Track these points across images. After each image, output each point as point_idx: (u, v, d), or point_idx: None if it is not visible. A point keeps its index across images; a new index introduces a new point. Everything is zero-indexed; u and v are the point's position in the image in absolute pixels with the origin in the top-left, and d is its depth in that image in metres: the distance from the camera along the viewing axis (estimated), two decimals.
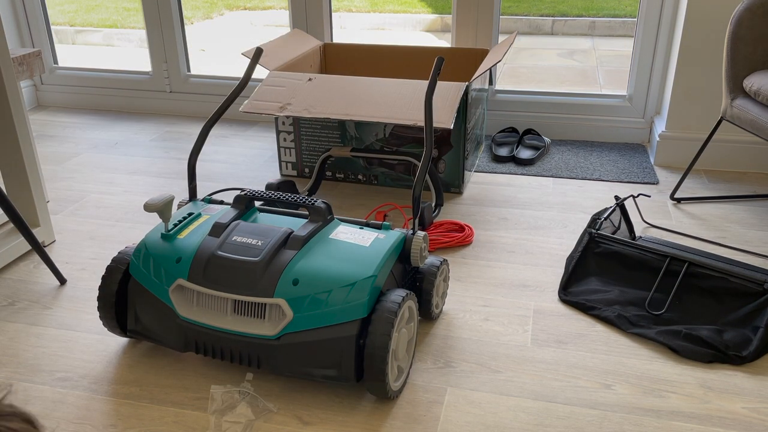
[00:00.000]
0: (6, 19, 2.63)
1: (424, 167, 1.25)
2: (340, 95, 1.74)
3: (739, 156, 2.06)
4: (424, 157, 1.26)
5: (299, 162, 2.04)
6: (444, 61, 1.25)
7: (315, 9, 2.38)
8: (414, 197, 1.24)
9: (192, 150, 1.36)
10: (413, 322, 1.17)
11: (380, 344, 1.05)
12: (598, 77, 3.74)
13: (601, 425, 1.08)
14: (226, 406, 1.11)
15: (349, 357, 1.07)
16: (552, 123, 2.33)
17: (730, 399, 1.14)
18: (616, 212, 1.57)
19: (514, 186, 1.98)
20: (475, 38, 2.27)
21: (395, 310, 1.07)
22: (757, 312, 1.27)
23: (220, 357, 1.13)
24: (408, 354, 1.18)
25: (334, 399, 1.14)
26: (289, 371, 1.10)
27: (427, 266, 1.30)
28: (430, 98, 1.30)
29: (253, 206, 1.28)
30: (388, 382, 1.07)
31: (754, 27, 1.65)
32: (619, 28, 5.06)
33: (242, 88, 1.42)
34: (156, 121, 2.60)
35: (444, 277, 1.35)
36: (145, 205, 1.16)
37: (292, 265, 1.10)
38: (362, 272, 1.09)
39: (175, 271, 1.14)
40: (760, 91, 1.57)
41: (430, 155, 1.27)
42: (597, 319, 1.35)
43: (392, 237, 1.19)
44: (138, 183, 2.02)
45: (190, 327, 1.12)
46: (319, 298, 1.07)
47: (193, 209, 1.29)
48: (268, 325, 1.09)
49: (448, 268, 1.39)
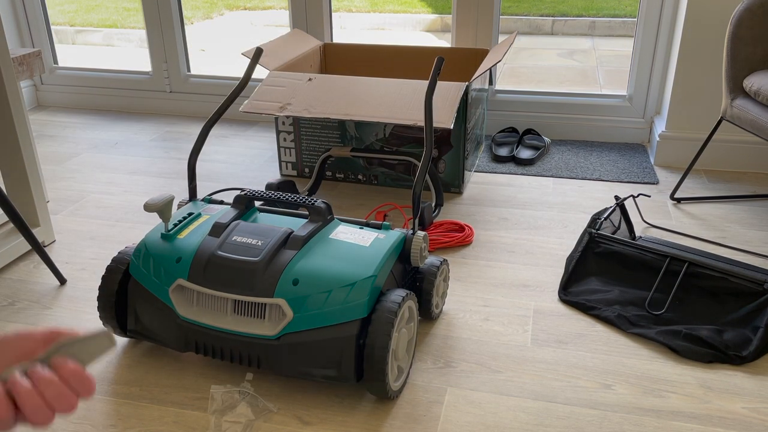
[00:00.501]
0: (6, 19, 2.63)
1: (424, 167, 1.25)
2: (340, 95, 1.74)
3: (739, 156, 2.06)
4: (424, 157, 1.26)
5: (299, 162, 2.04)
6: (444, 61, 1.25)
7: (315, 9, 2.38)
8: (414, 196, 1.24)
9: (192, 150, 1.37)
10: (413, 322, 1.17)
11: (380, 344, 1.05)
12: (598, 77, 3.74)
13: (601, 425, 1.08)
14: (226, 406, 1.11)
15: (349, 357, 1.06)
16: (552, 123, 2.33)
17: (730, 399, 1.14)
18: (616, 212, 1.57)
19: (514, 186, 1.98)
20: (475, 38, 2.27)
21: (395, 310, 1.07)
22: (757, 312, 1.27)
23: (220, 357, 1.13)
24: (408, 354, 1.17)
25: (333, 399, 1.14)
26: (288, 371, 1.10)
27: (427, 266, 1.30)
28: (430, 98, 1.31)
29: (253, 206, 1.28)
30: (388, 382, 1.07)
31: (754, 27, 1.65)
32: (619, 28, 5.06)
33: (242, 88, 1.42)
34: (156, 121, 2.60)
35: (444, 277, 1.35)
36: (145, 205, 1.16)
37: (292, 265, 1.10)
38: (362, 272, 1.09)
39: (175, 271, 1.13)
40: (760, 91, 1.57)
41: (430, 155, 1.27)
42: (597, 319, 1.35)
43: (392, 237, 1.20)
44: (138, 183, 2.02)
45: (190, 327, 1.12)
46: (319, 298, 1.07)
47: (192, 209, 1.29)
48: (268, 325, 1.09)
49: (448, 268, 1.39)
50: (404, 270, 1.24)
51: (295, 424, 1.09)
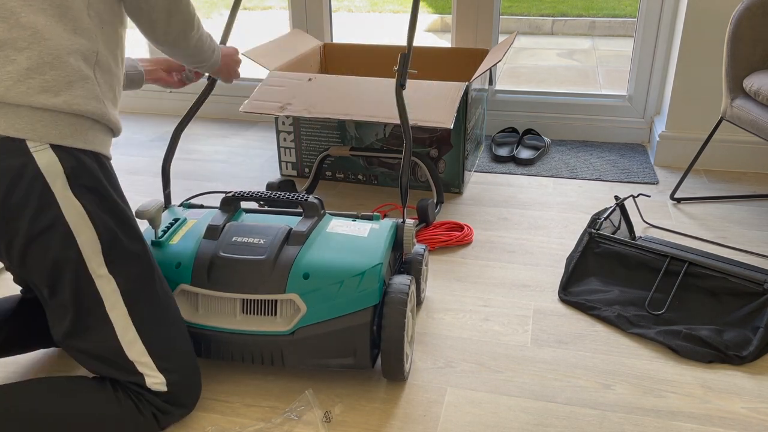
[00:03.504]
0: None
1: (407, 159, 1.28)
2: (340, 95, 1.74)
3: (739, 156, 2.06)
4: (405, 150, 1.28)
5: (299, 162, 2.04)
6: (408, 58, 1.29)
7: (315, 9, 2.38)
8: (401, 186, 1.28)
9: (165, 155, 1.34)
10: (414, 306, 1.21)
11: (397, 326, 1.09)
12: (598, 77, 3.74)
13: (601, 425, 1.08)
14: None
15: (364, 344, 1.09)
16: (552, 123, 2.33)
17: (730, 399, 1.14)
18: (616, 212, 1.57)
19: (514, 186, 1.98)
20: (475, 38, 2.27)
21: (406, 292, 1.11)
22: (757, 312, 1.27)
23: (231, 359, 1.13)
24: (412, 339, 1.22)
25: (333, 399, 1.14)
26: (304, 364, 1.11)
27: (413, 254, 1.34)
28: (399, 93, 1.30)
29: (240, 208, 1.28)
30: (404, 363, 1.11)
31: (754, 27, 1.65)
32: (619, 28, 5.06)
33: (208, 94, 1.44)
34: (156, 121, 2.60)
35: (426, 263, 1.39)
36: (137, 212, 1.14)
37: (300, 260, 1.11)
38: (369, 261, 1.12)
39: (175, 277, 1.13)
40: (760, 91, 1.57)
41: (410, 146, 1.29)
42: (597, 319, 1.35)
43: (386, 226, 1.23)
44: (138, 183, 2.02)
45: (197, 332, 1.12)
46: (332, 290, 1.09)
47: (177, 215, 1.28)
48: (281, 321, 1.10)
49: (428, 254, 1.50)
50: (395, 258, 1.27)
51: (294, 424, 1.09)
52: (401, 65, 1.29)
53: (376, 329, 1.12)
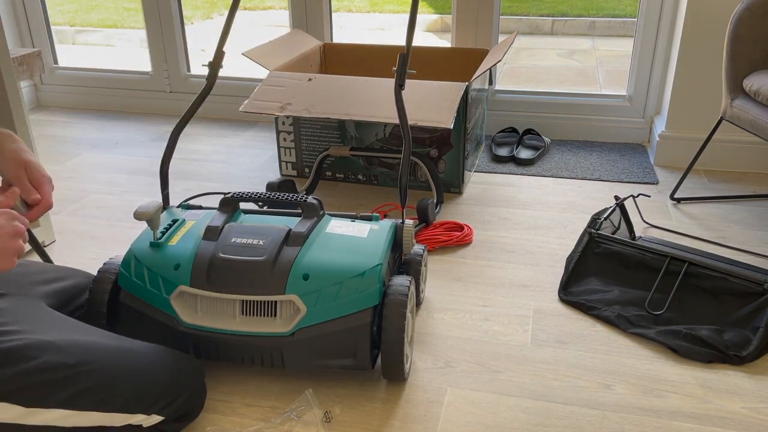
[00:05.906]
0: (6, 19, 2.63)
1: (406, 159, 1.28)
2: (340, 95, 1.74)
3: (739, 156, 2.06)
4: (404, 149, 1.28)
5: (299, 162, 2.04)
6: (407, 58, 1.30)
7: (315, 9, 2.38)
8: (401, 186, 1.28)
9: (163, 156, 1.34)
10: (414, 307, 1.21)
11: (397, 327, 1.08)
12: (598, 77, 3.74)
13: (601, 425, 1.08)
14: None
15: (364, 344, 1.09)
16: (552, 123, 2.33)
17: (729, 399, 1.14)
18: (616, 212, 1.57)
19: (514, 186, 1.98)
20: (475, 38, 2.27)
21: (406, 293, 1.11)
22: (757, 312, 1.27)
23: (231, 360, 1.13)
24: (412, 339, 1.22)
25: (333, 399, 1.14)
26: (304, 365, 1.11)
27: (412, 254, 1.34)
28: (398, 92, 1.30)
29: (238, 208, 1.28)
30: (404, 363, 1.11)
31: (754, 27, 1.65)
32: (619, 28, 5.06)
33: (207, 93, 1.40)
34: (156, 121, 2.60)
35: (425, 263, 1.39)
36: (136, 213, 1.13)
37: (299, 261, 1.11)
38: (369, 262, 1.12)
39: (174, 278, 1.12)
40: (760, 91, 1.57)
41: (410, 146, 1.29)
42: (597, 319, 1.35)
43: (385, 227, 1.23)
44: (138, 183, 2.02)
45: (196, 333, 1.11)
46: (332, 291, 1.09)
47: (175, 216, 1.28)
48: (281, 322, 1.10)
49: (427, 254, 1.47)
50: (394, 258, 1.27)
51: (294, 424, 1.09)
52: (400, 65, 1.30)
53: (376, 330, 1.11)
